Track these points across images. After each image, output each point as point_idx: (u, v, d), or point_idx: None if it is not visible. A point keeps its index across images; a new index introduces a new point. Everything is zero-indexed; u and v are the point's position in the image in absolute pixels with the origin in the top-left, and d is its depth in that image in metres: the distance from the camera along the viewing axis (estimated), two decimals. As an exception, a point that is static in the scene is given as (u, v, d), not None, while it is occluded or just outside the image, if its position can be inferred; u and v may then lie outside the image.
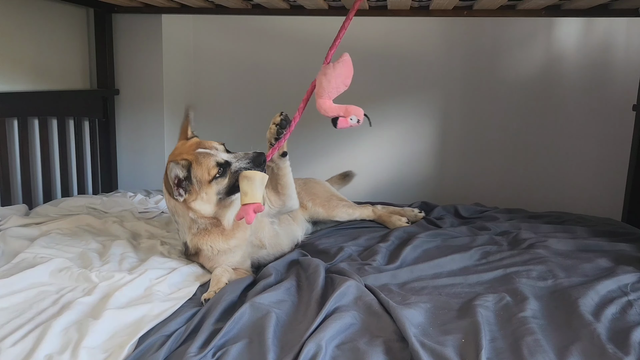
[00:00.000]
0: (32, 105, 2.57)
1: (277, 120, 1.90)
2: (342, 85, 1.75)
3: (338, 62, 1.74)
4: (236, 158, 1.81)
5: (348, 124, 1.76)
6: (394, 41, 3.26)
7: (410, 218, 2.48)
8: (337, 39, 1.79)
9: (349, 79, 1.76)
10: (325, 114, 1.78)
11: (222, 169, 1.79)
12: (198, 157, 1.80)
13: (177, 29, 3.21)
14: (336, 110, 1.76)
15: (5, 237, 2.01)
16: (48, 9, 2.74)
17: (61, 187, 2.79)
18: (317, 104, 1.77)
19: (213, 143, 1.87)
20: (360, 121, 1.77)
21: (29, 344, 1.32)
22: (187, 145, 1.89)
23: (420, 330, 1.42)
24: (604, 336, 1.39)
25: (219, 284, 1.70)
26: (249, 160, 1.79)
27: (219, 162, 1.78)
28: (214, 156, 1.80)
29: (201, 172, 1.79)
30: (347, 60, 1.74)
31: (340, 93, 1.77)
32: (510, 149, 3.33)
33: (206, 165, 1.78)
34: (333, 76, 1.72)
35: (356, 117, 1.76)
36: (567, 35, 3.16)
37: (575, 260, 1.94)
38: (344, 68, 1.73)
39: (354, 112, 1.76)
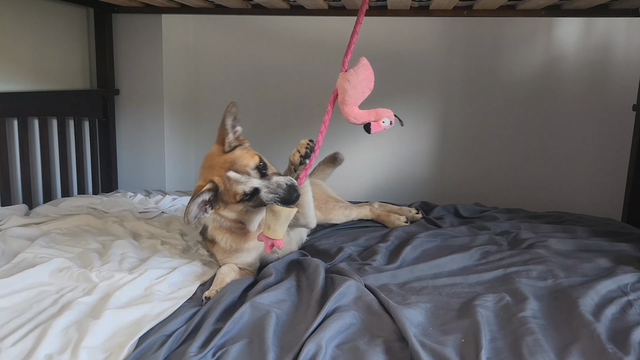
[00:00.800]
0: (32, 105, 2.57)
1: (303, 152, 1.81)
2: (367, 90, 1.74)
3: (358, 67, 1.72)
4: (267, 188, 1.72)
5: (381, 127, 1.73)
6: (394, 41, 3.26)
7: (408, 218, 2.47)
8: (350, 44, 1.78)
9: (372, 82, 1.74)
10: (355, 122, 1.74)
11: (250, 194, 1.74)
12: (226, 183, 1.75)
13: (177, 29, 3.21)
14: (366, 116, 1.73)
15: (5, 237, 2.01)
16: (48, 8, 2.74)
17: (61, 187, 2.79)
18: (344, 112, 1.74)
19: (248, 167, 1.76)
20: (393, 122, 1.75)
21: (29, 344, 1.32)
22: (221, 161, 1.80)
23: (420, 330, 1.42)
24: (604, 336, 1.39)
25: (222, 284, 1.70)
26: (279, 197, 1.70)
27: (245, 191, 1.73)
28: (242, 185, 1.73)
29: (227, 196, 1.76)
30: (367, 64, 1.73)
31: (365, 97, 1.75)
32: (510, 149, 3.33)
33: (233, 192, 1.74)
34: (357, 82, 1.70)
35: (388, 119, 1.74)
36: (567, 35, 3.16)
37: (575, 260, 1.94)
38: (366, 72, 1.72)
39: (385, 115, 1.73)
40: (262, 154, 1.93)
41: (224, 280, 1.73)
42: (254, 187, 1.72)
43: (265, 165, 1.80)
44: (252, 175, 1.75)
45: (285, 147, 3.47)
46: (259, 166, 1.78)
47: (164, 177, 3.25)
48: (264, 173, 1.77)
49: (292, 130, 3.45)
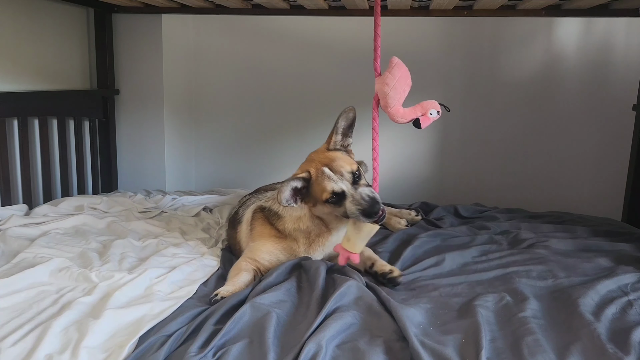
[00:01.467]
0: (32, 105, 2.57)
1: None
2: (407, 87, 1.76)
3: (392, 68, 1.74)
4: (353, 198, 1.73)
5: (430, 119, 1.76)
6: (394, 41, 3.25)
7: (408, 220, 2.48)
8: (376, 48, 1.80)
9: (410, 78, 1.76)
10: (403, 121, 1.78)
11: (338, 197, 1.75)
12: (318, 176, 1.78)
13: (177, 29, 3.21)
14: (413, 113, 1.76)
15: (5, 237, 2.01)
16: (48, 8, 2.74)
17: (61, 187, 2.79)
18: (390, 115, 1.77)
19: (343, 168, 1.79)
20: (440, 112, 1.76)
21: (29, 343, 1.32)
22: (321, 157, 1.85)
23: (421, 330, 1.42)
24: (604, 336, 1.39)
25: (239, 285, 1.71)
26: (362, 208, 1.70)
27: (335, 190, 1.75)
28: (333, 183, 1.75)
29: (317, 190, 1.79)
30: (399, 63, 1.75)
31: (406, 95, 1.76)
32: (510, 149, 3.33)
33: (322, 187, 1.76)
34: (396, 82, 1.73)
35: (434, 109, 1.74)
36: (567, 35, 3.16)
37: (576, 260, 1.95)
38: (401, 70, 1.74)
39: (431, 106, 1.76)
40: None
41: (241, 286, 1.72)
42: (342, 190, 1.74)
43: (360, 175, 1.83)
44: (346, 177, 1.77)
45: (286, 146, 3.49)
46: (355, 173, 1.80)
47: (163, 177, 3.25)
48: (356, 181, 1.79)
49: (293, 130, 3.45)
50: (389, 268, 1.79)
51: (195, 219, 2.52)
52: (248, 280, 1.78)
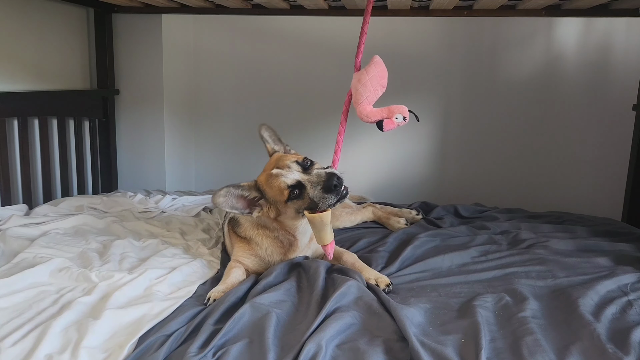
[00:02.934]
0: (32, 105, 2.57)
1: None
2: (379, 87, 1.72)
3: (369, 65, 1.72)
4: (310, 182, 1.70)
5: (394, 124, 1.72)
6: (394, 41, 3.26)
7: (408, 219, 2.48)
8: (360, 44, 1.79)
9: (385, 79, 1.72)
10: (368, 120, 1.73)
11: (298, 190, 1.71)
12: (269, 179, 1.76)
13: (177, 29, 3.21)
14: (379, 114, 1.72)
15: (5, 237, 2.01)
16: (48, 8, 2.74)
17: (61, 187, 2.79)
18: (357, 111, 1.73)
19: (288, 161, 1.77)
20: (407, 118, 1.73)
21: (29, 343, 1.33)
22: (270, 163, 1.86)
23: (420, 330, 1.42)
24: (604, 336, 1.39)
25: (230, 285, 1.70)
26: (321, 186, 1.67)
27: (289, 184, 1.72)
28: (284, 177, 1.72)
29: (273, 194, 1.76)
30: (379, 62, 1.72)
31: (379, 96, 1.73)
32: (510, 149, 3.33)
33: (277, 186, 1.73)
34: (368, 80, 1.69)
35: (401, 115, 1.72)
36: (567, 35, 3.16)
37: (575, 260, 1.94)
38: (377, 69, 1.71)
39: (398, 111, 1.72)
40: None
41: (233, 283, 1.72)
42: (296, 180, 1.71)
43: (310, 162, 1.78)
44: (293, 168, 1.74)
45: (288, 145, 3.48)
46: (301, 162, 1.76)
47: (163, 177, 3.25)
48: (306, 168, 1.75)
49: (293, 129, 3.45)
50: (374, 280, 1.72)
51: (195, 219, 2.52)
52: (239, 275, 1.78)
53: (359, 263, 1.85)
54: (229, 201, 1.74)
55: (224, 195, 1.72)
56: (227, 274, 1.78)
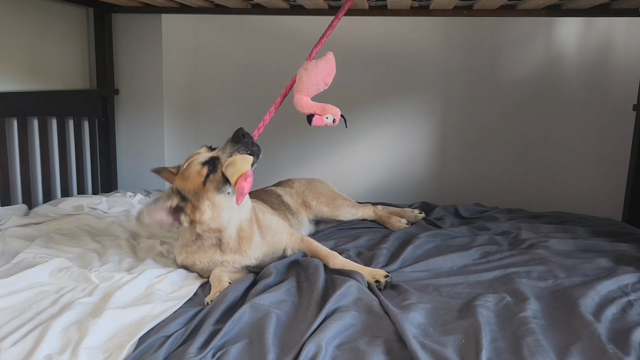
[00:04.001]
0: (31, 105, 2.57)
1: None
2: (322, 83, 1.74)
3: (321, 59, 1.73)
4: (221, 151, 1.76)
5: (323, 122, 1.74)
6: (393, 41, 3.26)
7: (409, 219, 2.48)
8: (323, 37, 1.79)
9: (330, 78, 1.74)
10: (301, 110, 1.77)
11: (211, 165, 1.72)
12: (183, 174, 1.76)
13: (177, 28, 3.21)
14: (313, 108, 1.75)
15: (5, 237, 2.01)
16: (48, 8, 2.74)
17: (61, 187, 2.79)
18: (295, 99, 1.77)
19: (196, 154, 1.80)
20: (337, 121, 1.75)
21: (29, 344, 1.32)
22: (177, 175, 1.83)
23: (421, 331, 1.42)
24: (605, 336, 1.39)
25: (222, 284, 1.68)
26: (232, 142, 1.74)
27: (201, 161, 1.73)
28: (196, 160, 1.74)
29: (192, 183, 1.72)
30: (331, 59, 1.73)
31: (320, 91, 1.75)
32: (511, 149, 3.33)
33: (194, 171, 1.72)
34: (314, 72, 1.71)
35: (332, 116, 1.73)
36: (567, 35, 3.16)
37: (576, 261, 1.94)
38: (327, 66, 1.72)
39: (331, 111, 1.74)
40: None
41: (221, 280, 1.70)
42: (207, 157, 1.74)
43: (214, 147, 1.82)
44: (202, 152, 1.79)
45: (285, 146, 3.48)
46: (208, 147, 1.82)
47: (163, 177, 3.24)
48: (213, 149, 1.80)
49: (292, 130, 3.45)
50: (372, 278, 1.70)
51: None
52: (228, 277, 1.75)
53: (350, 264, 1.81)
54: (156, 217, 1.68)
55: (147, 213, 1.66)
56: (213, 282, 1.74)
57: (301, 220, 2.37)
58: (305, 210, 2.42)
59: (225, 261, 1.82)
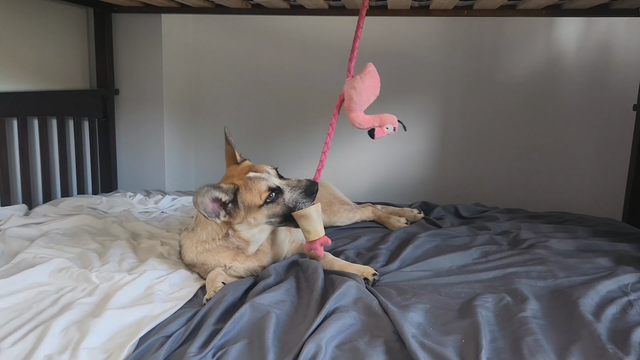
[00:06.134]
0: (32, 105, 2.57)
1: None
2: (372, 96, 1.76)
3: (364, 74, 1.74)
4: (289, 186, 1.76)
5: (385, 133, 1.78)
6: (393, 41, 3.26)
7: (409, 218, 2.48)
8: (354, 49, 1.81)
9: (378, 89, 1.76)
10: (360, 127, 1.78)
11: (275, 194, 1.74)
12: (247, 182, 1.75)
13: (177, 28, 3.21)
14: (371, 122, 1.77)
15: (5, 237, 2.01)
16: (48, 8, 2.74)
17: (61, 187, 2.79)
18: (350, 118, 1.77)
19: (265, 167, 1.81)
20: (396, 128, 1.78)
21: (29, 344, 1.32)
22: (239, 169, 1.84)
23: (420, 331, 1.42)
24: (604, 336, 1.39)
25: (215, 284, 1.68)
26: (301, 190, 1.75)
27: (270, 186, 1.74)
28: (266, 180, 1.75)
29: (251, 197, 1.74)
30: (373, 71, 1.75)
31: (371, 103, 1.77)
32: (511, 149, 3.33)
33: (257, 189, 1.73)
34: (363, 89, 1.73)
35: (391, 125, 1.76)
36: (567, 35, 3.16)
37: (576, 260, 1.94)
38: (372, 79, 1.74)
39: (389, 121, 1.78)
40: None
41: (215, 280, 1.71)
42: (276, 185, 1.75)
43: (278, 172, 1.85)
44: (272, 174, 1.80)
45: (285, 146, 3.48)
46: (276, 170, 1.84)
47: (163, 177, 3.24)
48: (281, 177, 1.82)
49: (292, 130, 3.45)
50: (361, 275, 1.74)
51: (195, 219, 2.51)
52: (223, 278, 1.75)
53: (338, 262, 1.85)
54: (206, 201, 1.70)
55: (204, 194, 1.68)
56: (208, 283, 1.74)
57: None
58: None
59: (232, 267, 1.84)
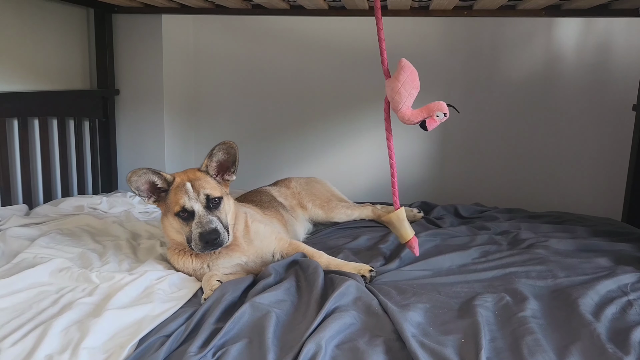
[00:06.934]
0: (32, 105, 2.57)
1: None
2: (414, 89, 1.75)
3: (398, 70, 1.74)
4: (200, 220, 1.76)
5: (436, 121, 1.77)
6: (393, 41, 3.25)
7: (409, 218, 2.47)
8: (382, 52, 1.81)
9: (417, 80, 1.75)
10: (410, 123, 1.78)
11: (188, 214, 1.78)
12: (178, 187, 1.80)
13: (177, 29, 3.21)
14: (420, 115, 1.76)
15: (5, 237, 2.01)
16: (48, 9, 2.74)
17: (61, 187, 2.79)
18: (399, 117, 1.78)
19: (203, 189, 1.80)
20: (447, 114, 1.77)
21: (29, 344, 1.32)
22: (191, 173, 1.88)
23: (420, 330, 1.42)
24: (604, 336, 1.39)
25: (211, 283, 1.70)
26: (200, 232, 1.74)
27: (185, 207, 1.78)
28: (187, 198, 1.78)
29: (172, 200, 1.81)
30: (406, 65, 1.74)
31: (414, 97, 1.76)
32: (511, 149, 3.33)
33: (177, 198, 1.79)
34: (400, 86, 1.72)
35: (441, 112, 1.75)
36: (567, 35, 3.16)
37: (575, 260, 1.95)
38: (406, 74, 1.73)
39: (437, 108, 1.76)
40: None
41: (210, 281, 1.72)
42: (193, 208, 1.77)
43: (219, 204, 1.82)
44: (200, 199, 1.79)
45: (286, 146, 3.49)
46: (212, 199, 1.80)
47: (164, 177, 3.24)
48: (210, 207, 1.80)
49: (292, 130, 3.45)
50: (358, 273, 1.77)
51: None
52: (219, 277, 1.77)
53: (334, 261, 1.86)
54: (140, 180, 1.80)
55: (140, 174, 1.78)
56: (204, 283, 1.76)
57: (296, 216, 2.37)
58: (302, 210, 2.43)
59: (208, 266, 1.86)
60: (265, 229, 1.98)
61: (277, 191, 2.47)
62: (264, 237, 1.96)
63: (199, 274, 1.84)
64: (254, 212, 2.09)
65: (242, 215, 1.96)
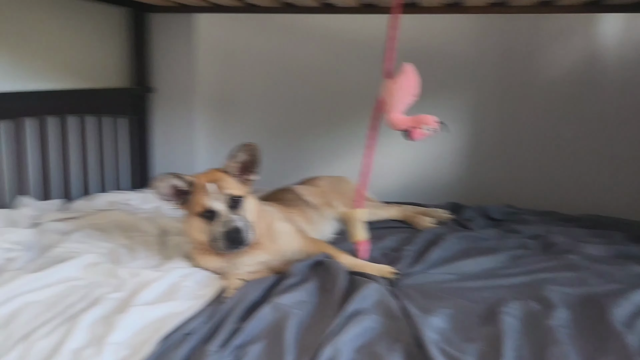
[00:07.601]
0: (70, 103, 2.66)
1: None
2: (409, 96, 1.73)
3: (400, 75, 1.72)
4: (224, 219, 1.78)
5: (423, 134, 1.74)
6: (424, 38, 3.21)
7: (437, 219, 2.44)
8: (387, 50, 1.78)
9: (415, 89, 1.73)
10: (396, 129, 1.77)
11: (211, 214, 1.80)
12: (200, 188, 1.82)
13: (210, 28, 3.25)
14: (406, 123, 1.74)
15: (41, 231, 2.08)
16: (87, 9, 2.82)
17: (97, 183, 2.87)
18: (387, 120, 1.77)
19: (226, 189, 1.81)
20: (436, 130, 1.75)
21: (57, 338, 1.36)
22: (212, 174, 1.89)
23: (442, 336, 1.40)
24: (636, 348, 1.33)
25: (234, 281, 1.73)
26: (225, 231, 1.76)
27: (206, 207, 1.79)
28: (208, 198, 1.79)
29: (194, 201, 1.83)
30: (408, 71, 1.72)
31: (409, 104, 1.74)
32: (545, 149, 3.23)
33: (199, 199, 1.81)
34: (395, 89, 1.71)
35: (427, 126, 1.74)
36: (608, 31, 3.04)
37: (609, 267, 1.87)
38: (407, 80, 1.71)
39: (424, 121, 1.74)
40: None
41: (233, 279, 1.75)
42: (213, 209, 1.79)
43: (241, 203, 1.83)
44: (223, 198, 1.80)
45: (315, 145, 3.48)
46: (235, 198, 1.82)
47: (195, 174, 3.30)
48: (234, 206, 1.81)
49: (322, 129, 3.45)
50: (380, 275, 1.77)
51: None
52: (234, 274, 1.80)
53: (357, 262, 1.86)
54: (163, 186, 1.82)
55: (163, 180, 1.81)
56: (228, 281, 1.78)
57: (324, 215, 2.37)
58: (329, 209, 2.42)
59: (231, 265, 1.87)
60: (288, 228, 1.98)
61: (304, 190, 2.47)
62: (287, 235, 1.97)
63: (223, 273, 1.86)
64: (277, 211, 2.09)
65: (265, 214, 1.97)
